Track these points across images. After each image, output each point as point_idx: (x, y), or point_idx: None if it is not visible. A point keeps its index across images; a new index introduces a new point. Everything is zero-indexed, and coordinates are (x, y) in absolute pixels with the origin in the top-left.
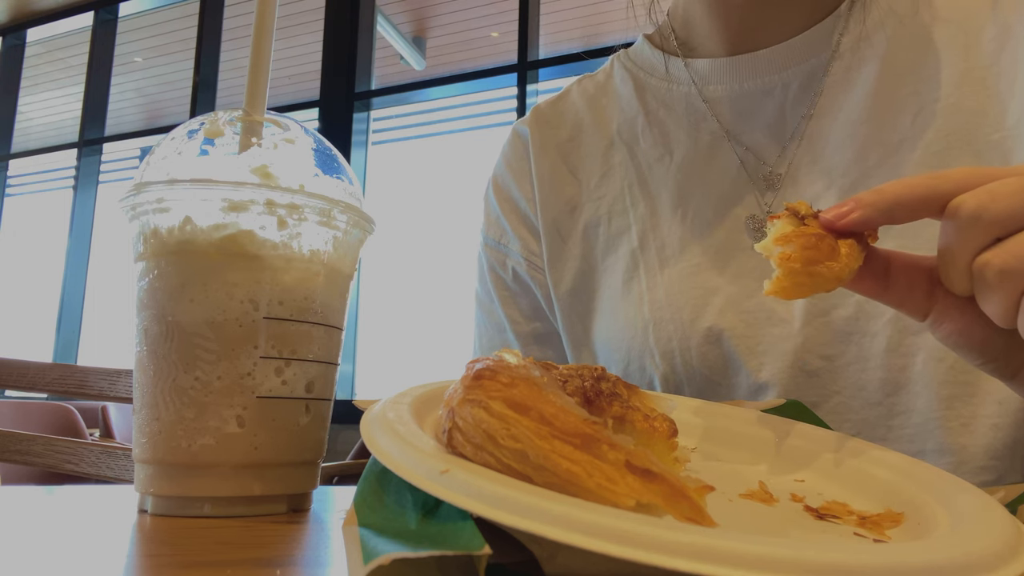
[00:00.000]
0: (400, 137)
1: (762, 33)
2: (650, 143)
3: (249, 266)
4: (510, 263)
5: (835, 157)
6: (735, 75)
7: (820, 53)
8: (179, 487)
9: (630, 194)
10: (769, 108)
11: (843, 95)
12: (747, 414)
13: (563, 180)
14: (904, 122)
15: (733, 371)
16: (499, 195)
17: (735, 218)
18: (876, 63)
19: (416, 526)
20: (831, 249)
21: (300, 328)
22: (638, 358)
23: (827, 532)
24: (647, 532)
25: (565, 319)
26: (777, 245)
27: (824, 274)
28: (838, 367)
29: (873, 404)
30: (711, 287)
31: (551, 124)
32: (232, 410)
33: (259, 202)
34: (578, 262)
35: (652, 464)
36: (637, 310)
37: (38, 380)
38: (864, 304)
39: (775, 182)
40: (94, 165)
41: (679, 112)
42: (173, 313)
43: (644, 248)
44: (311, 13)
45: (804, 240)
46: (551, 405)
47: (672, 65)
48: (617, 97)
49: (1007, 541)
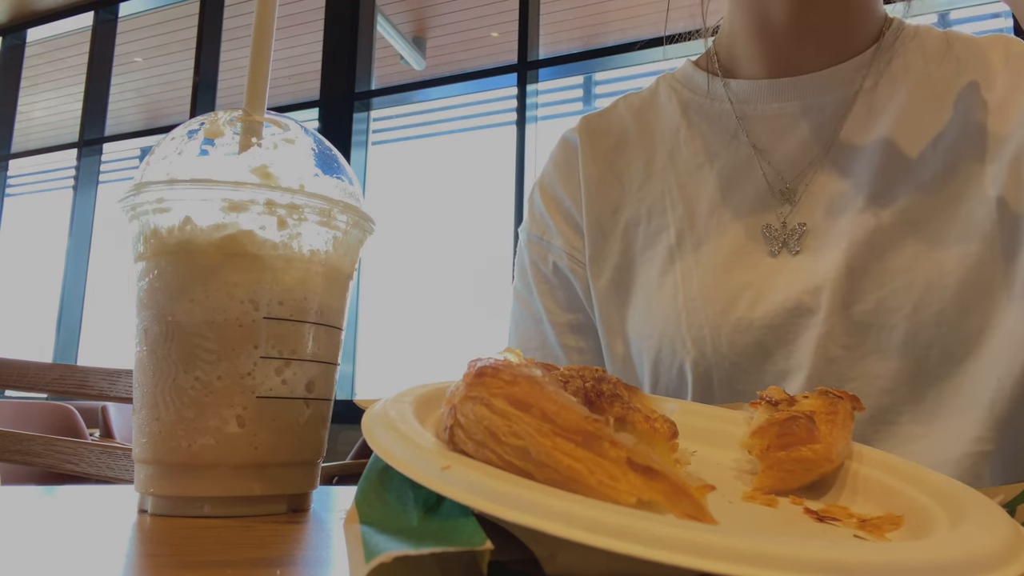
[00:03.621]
0: (400, 137)
1: (800, 60)
2: (691, 152)
3: (249, 266)
4: (551, 257)
5: (859, 176)
6: (773, 96)
7: (853, 84)
8: (179, 487)
9: (669, 197)
10: (800, 129)
11: (871, 122)
12: (746, 417)
13: (608, 184)
14: (925, 152)
15: (761, 358)
16: (545, 195)
17: (757, 226)
18: (904, 96)
19: (418, 523)
20: (807, 431)
21: (300, 328)
22: (670, 343)
23: (827, 534)
24: (648, 528)
25: (603, 309)
26: (754, 439)
27: (810, 457)
28: (857, 356)
29: (887, 392)
30: (742, 282)
31: (599, 133)
32: (232, 410)
33: (259, 202)
34: (618, 257)
35: (653, 462)
36: (672, 300)
37: (38, 380)
38: (884, 300)
39: (791, 196)
40: (94, 165)
41: (718, 128)
42: (173, 313)
43: (681, 245)
44: (311, 13)
45: (778, 427)
46: (553, 403)
47: (713, 85)
48: (662, 111)
49: (1007, 542)
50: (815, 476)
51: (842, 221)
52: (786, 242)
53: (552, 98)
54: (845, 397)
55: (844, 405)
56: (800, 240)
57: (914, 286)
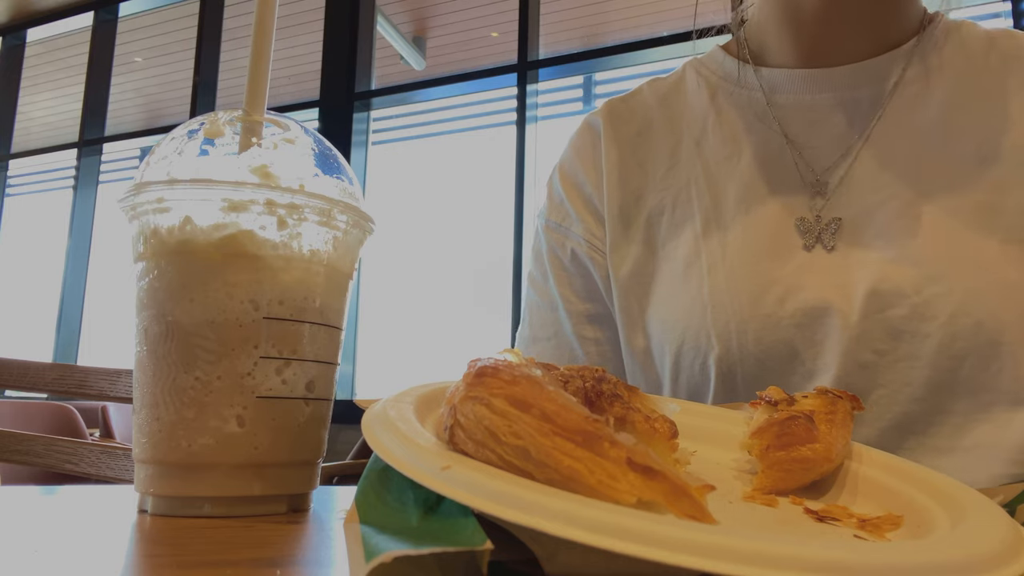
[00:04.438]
0: (400, 137)
1: (834, 50)
2: (719, 140)
3: (249, 266)
4: (570, 244)
5: (895, 175)
6: (807, 87)
7: (891, 77)
8: (179, 487)
9: (696, 186)
10: (834, 121)
11: (909, 116)
12: (745, 417)
13: (630, 171)
14: (967, 151)
15: (788, 357)
16: (565, 181)
17: (790, 218)
18: (944, 91)
19: (417, 523)
20: (806, 430)
21: (300, 328)
22: (694, 338)
23: (827, 534)
24: (648, 528)
25: (622, 301)
26: (754, 439)
27: (810, 457)
28: (888, 362)
29: (916, 400)
30: (771, 278)
31: (622, 119)
32: (232, 410)
33: (259, 202)
34: (640, 247)
35: (653, 462)
36: (697, 292)
37: (38, 380)
38: (920, 307)
39: (823, 189)
40: (94, 165)
41: (747, 116)
42: (173, 313)
43: (707, 235)
44: (311, 13)
45: (777, 427)
46: (553, 403)
47: (744, 72)
48: (688, 98)
49: (1007, 542)
50: (815, 476)
51: (878, 219)
52: (820, 236)
53: (552, 98)
54: (844, 397)
55: (843, 405)
56: (835, 235)
57: (952, 293)
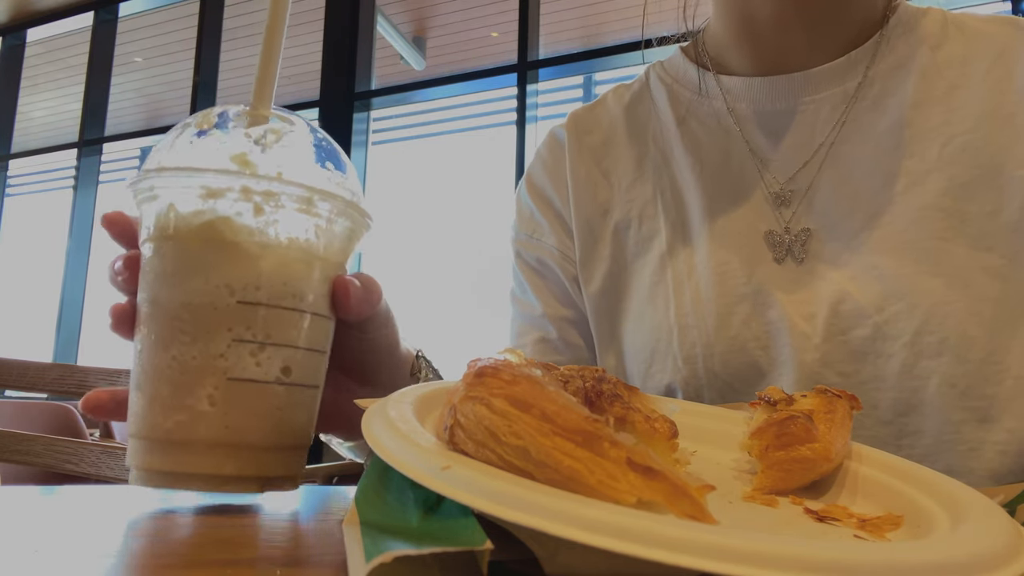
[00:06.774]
0: (400, 137)
1: (792, 57)
2: (682, 152)
3: (226, 252)
4: (542, 254)
5: (860, 182)
6: (767, 95)
7: (852, 80)
8: (156, 461)
9: (662, 199)
10: (796, 129)
11: (872, 122)
12: (745, 417)
13: (596, 183)
14: (931, 152)
15: (755, 379)
16: (533, 193)
17: (757, 232)
18: (906, 93)
19: (417, 523)
20: (806, 430)
21: (276, 313)
22: (661, 360)
23: (827, 534)
24: (648, 528)
25: (594, 319)
26: (753, 440)
27: (809, 457)
28: (853, 384)
29: (884, 423)
30: (737, 296)
31: (587, 129)
32: (204, 389)
33: (235, 189)
34: (608, 263)
35: (653, 462)
36: (663, 314)
37: (38, 380)
38: (882, 326)
39: (788, 199)
40: (94, 165)
41: (710, 125)
42: (158, 296)
43: (672, 254)
44: (311, 13)
45: (776, 428)
46: (553, 403)
47: (705, 79)
48: (653, 106)
49: (1007, 542)
50: (814, 475)
51: (844, 230)
52: (791, 248)
53: (552, 98)
54: (843, 396)
55: (842, 404)
56: (804, 246)
57: (916, 309)
